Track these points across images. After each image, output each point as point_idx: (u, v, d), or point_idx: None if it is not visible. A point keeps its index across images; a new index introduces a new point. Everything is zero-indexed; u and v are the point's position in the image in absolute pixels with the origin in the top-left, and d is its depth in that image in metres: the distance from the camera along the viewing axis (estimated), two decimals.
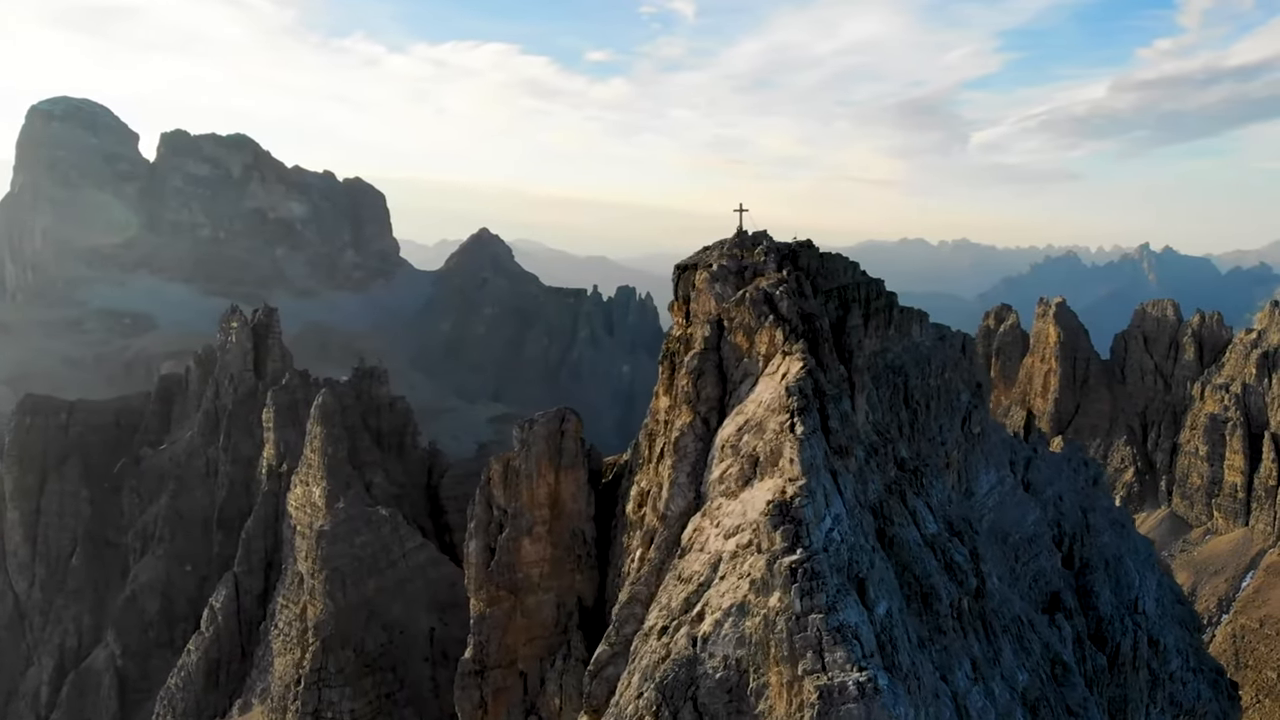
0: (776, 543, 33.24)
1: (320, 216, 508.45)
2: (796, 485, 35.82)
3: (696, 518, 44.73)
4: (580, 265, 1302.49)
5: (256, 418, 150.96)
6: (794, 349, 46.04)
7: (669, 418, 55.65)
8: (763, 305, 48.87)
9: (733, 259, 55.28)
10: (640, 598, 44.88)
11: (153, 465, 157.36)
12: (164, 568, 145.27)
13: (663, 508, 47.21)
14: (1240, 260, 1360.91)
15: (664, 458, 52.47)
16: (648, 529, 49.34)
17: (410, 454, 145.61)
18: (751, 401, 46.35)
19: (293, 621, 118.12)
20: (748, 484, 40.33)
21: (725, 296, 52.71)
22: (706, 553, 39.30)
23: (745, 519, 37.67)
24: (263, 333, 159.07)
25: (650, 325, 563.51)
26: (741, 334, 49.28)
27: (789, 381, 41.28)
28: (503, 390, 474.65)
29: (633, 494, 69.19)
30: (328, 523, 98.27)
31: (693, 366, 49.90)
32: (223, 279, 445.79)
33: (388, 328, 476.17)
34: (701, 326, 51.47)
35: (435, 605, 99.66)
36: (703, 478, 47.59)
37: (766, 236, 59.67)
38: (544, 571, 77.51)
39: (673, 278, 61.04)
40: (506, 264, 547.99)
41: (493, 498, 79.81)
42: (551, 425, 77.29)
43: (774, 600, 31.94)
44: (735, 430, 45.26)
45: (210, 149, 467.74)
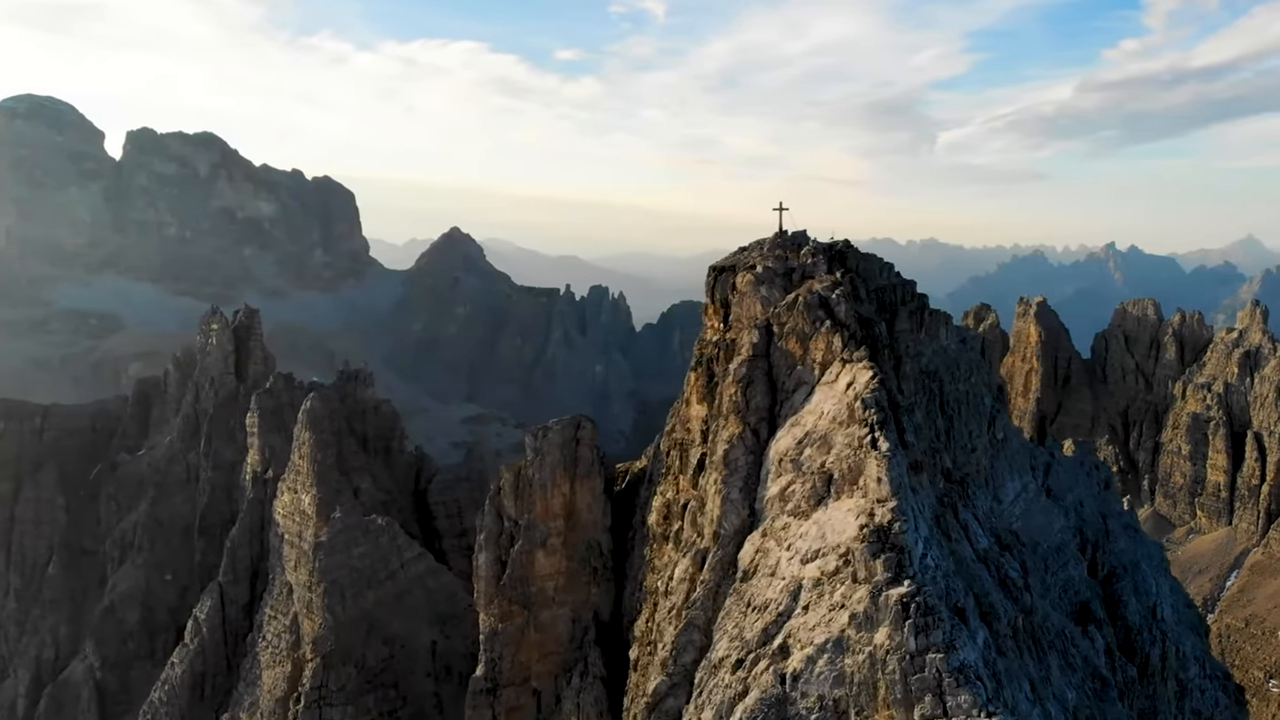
0: (878, 572, 30.69)
1: (289, 215, 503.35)
2: (888, 508, 33.27)
3: (755, 537, 42.13)
4: (551, 265, 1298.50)
5: (238, 422, 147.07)
6: (856, 356, 43.57)
7: (709, 428, 52.99)
8: (818, 310, 46.36)
9: (779, 260, 52.66)
10: (698, 623, 42.17)
11: (131, 471, 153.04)
12: (143, 577, 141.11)
13: (715, 525, 44.51)
14: (1204, 259, 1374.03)
15: (706, 470, 49.78)
16: (697, 548, 46.50)
17: (397, 459, 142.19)
18: (809, 412, 43.80)
19: (282, 633, 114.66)
20: (820, 503, 37.77)
21: (773, 300, 50.14)
22: (780, 578, 36.69)
23: (826, 542, 35.08)
24: (244, 335, 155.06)
25: (623, 325, 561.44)
26: (794, 340, 46.72)
27: (862, 393, 38.75)
28: (476, 391, 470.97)
29: (656, 505, 66.53)
30: (325, 534, 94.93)
31: (741, 375, 47.27)
32: (190, 279, 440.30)
33: (359, 328, 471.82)
34: (748, 332, 48.84)
35: (436, 617, 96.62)
36: (755, 493, 44.99)
37: (806, 236, 57.23)
38: (559, 585, 74.71)
39: (707, 280, 58.34)
40: (478, 263, 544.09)
41: (503, 508, 76.90)
42: (566, 433, 74.48)
43: (881, 636, 29.37)
44: (794, 443, 42.69)
45: (177, 147, 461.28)
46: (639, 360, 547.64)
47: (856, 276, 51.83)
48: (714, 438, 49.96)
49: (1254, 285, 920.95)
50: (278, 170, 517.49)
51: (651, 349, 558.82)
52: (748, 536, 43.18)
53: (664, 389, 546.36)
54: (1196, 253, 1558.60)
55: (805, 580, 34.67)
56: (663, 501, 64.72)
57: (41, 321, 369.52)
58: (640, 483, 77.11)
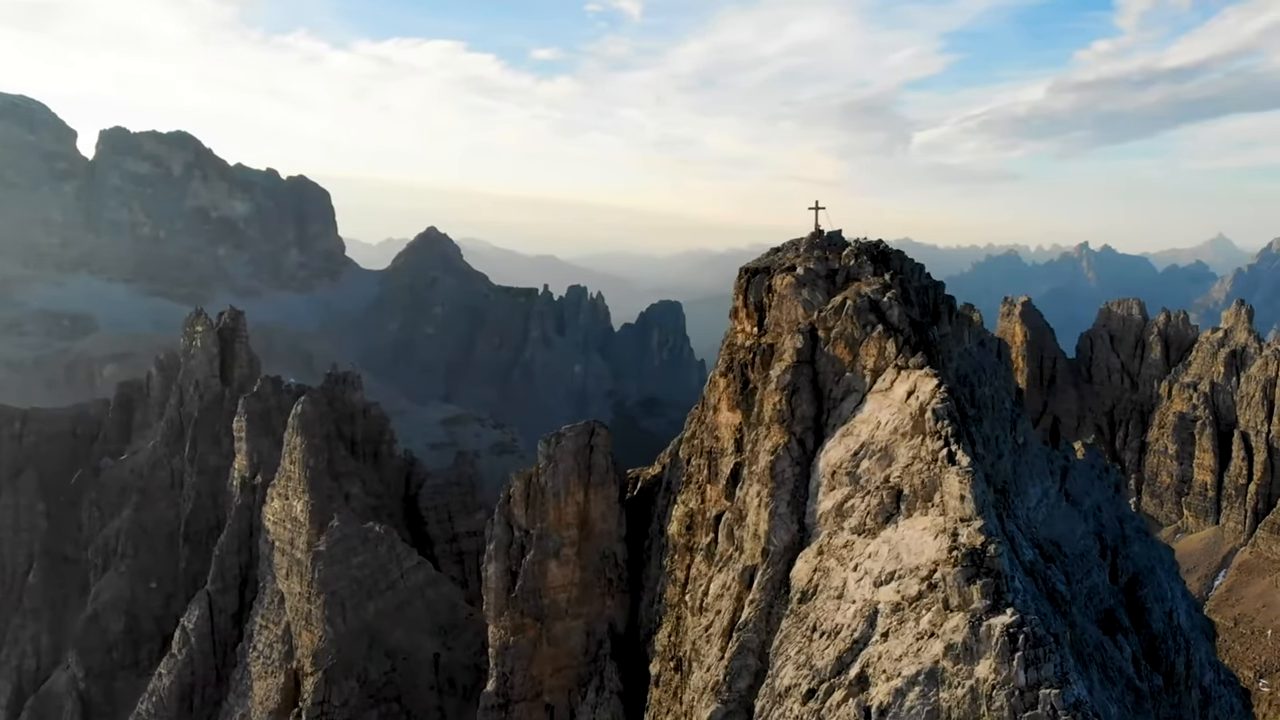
0: (974, 599, 28.63)
1: (263, 215, 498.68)
2: (975, 528, 31.25)
3: (809, 555, 40.10)
4: (528, 264, 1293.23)
5: (224, 426, 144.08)
6: (912, 363, 41.60)
7: (744, 436, 50.94)
8: (868, 314, 44.36)
9: (820, 262, 50.59)
10: (752, 647, 40.04)
11: (113, 477, 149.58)
12: (127, 585, 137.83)
13: (763, 542, 42.40)
14: (1176, 259, 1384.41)
15: (745, 482, 47.68)
16: (742, 565, 44.37)
17: (386, 463, 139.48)
18: (862, 422, 41.78)
19: (274, 643, 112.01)
20: (889, 521, 35.73)
21: (816, 303, 48.11)
22: (850, 601, 34.62)
23: (902, 564, 33.03)
24: (229, 337, 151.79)
25: (601, 325, 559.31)
26: (842, 345, 44.70)
27: (931, 403, 36.70)
28: (454, 391, 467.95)
29: (677, 514, 64.45)
30: (322, 542, 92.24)
31: (785, 382, 45.19)
32: (164, 279, 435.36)
33: (335, 328, 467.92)
34: (791, 337, 46.74)
35: (437, 628, 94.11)
36: (804, 507, 42.95)
37: (841, 236, 55.26)
38: (572, 596, 72.53)
39: (738, 282, 56.26)
40: (456, 263, 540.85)
41: (513, 517, 74.64)
42: (580, 440, 72.31)
43: (984, 669, 27.31)
44: (848, 455, 40.66)
45: (150, 146, 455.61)
46: (617, 360, 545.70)
47: (905, 279, 49.81)
48: (753, 447, 47.90)
49: (1225, 284, 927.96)
50: (252, 169, 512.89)
51: (630, 349, 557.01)
52: (800, 553, 41.14)
53: (643, 389, 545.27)
54: (1168, 252, 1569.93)
55: (881, 604, 32.62)
56: (685, 511, 62.66)
57: (14, 323, 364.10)
58: (654, 490, 75.01)
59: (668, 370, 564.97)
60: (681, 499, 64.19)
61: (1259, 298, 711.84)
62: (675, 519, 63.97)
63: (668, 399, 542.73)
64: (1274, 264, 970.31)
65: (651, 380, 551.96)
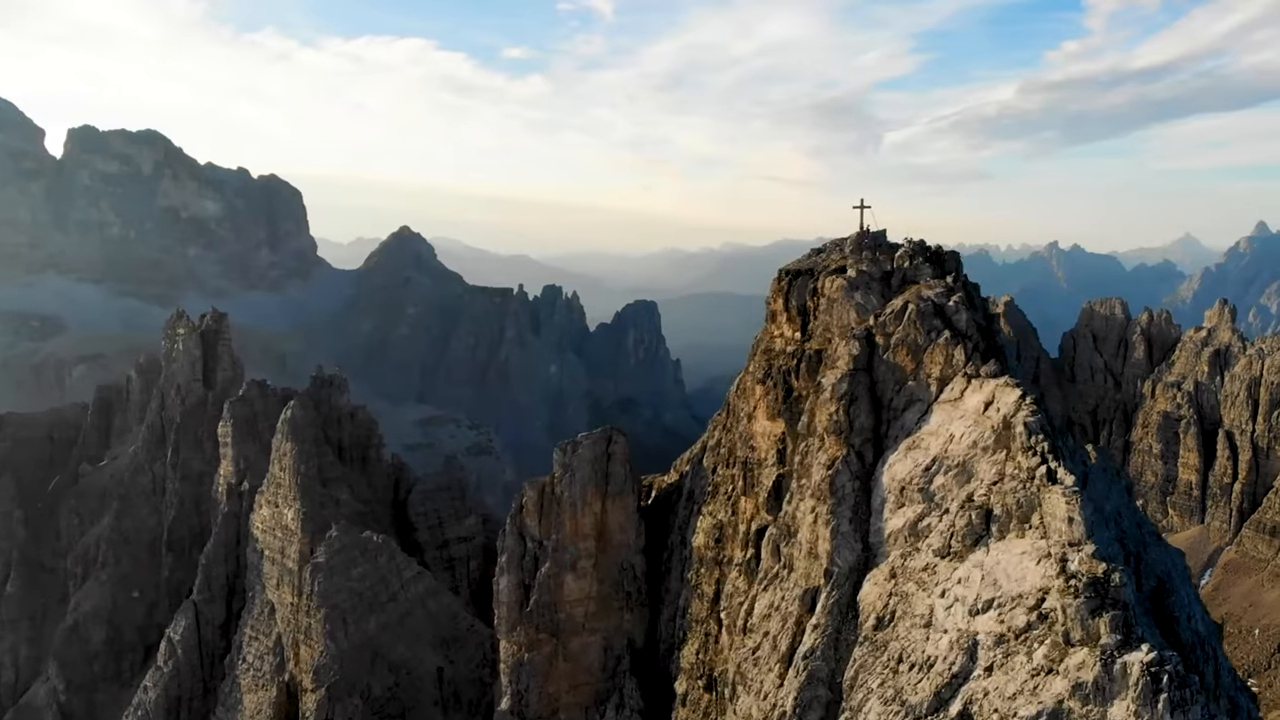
0: (1101, 633, 26.36)
1: (234, 214, 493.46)
2: (1087, 553, 29.04)
3: (879, 577, 37.83)
4: (502, 264, 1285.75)
5: (207, 431, 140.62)
6: (984, 371, 39.43)
7: (788, 447, 48.62)
8: (933, 319, 42.08)
9: (873, 264, 48.29)
10: (821, 676, 37.68)
11: (93, 483, 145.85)
12: (108, 594, 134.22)
13: (825, 562, 40.06)
14: (1145, 258, 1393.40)
15: (795, 496, 45.34)
16: (801, 586, 41.98)
17: (375, 468, 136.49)
18: (930, 434, 39.52)
19: (264, 655, 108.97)
20: (978, 543, 33.47)
21: (871, 307, 45.82)
22: (940, 630, 32.34)
23: (1002, 591, 30.77)
24: (211, 339, 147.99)
25: (577, 325, 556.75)
26: (904, 352, 42.42)
27: (1021, 416, 34.47)
28: (428, 392, 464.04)
29: (703, 527, 62.10)
30: (321, 554, 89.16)
31: (842, 391, 42.84)
32: (134, 279, 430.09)
33: (307, 329, 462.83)
34: (846, 343, 44.38)
35: (439, 641, 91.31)
36: (868, 525, 40.68)
37: (885, 236, 53.02)
38: (589, 610, 70.06)
39: (776, 285, 53.93)
40: (429, 262, 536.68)
41: (525, 528, 72.10)
42: (598, 448, 69.84)
43: (1120, 712, 25.05)
44: (918, 470, 38.40)
45: (120, 145, 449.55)
46: (593, 360, 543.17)
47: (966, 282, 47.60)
48: (802, 460, 45.54)
49: (1194, 283, 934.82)
50: (223, 168, 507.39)
51: (606, 349, 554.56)
52: (867, 575, 38.88)
53: (619, 389, 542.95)
54: (1137, 251, 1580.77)
55: (981, 635, 30.36)
56: (713, 523, 60.34)
57: None
58: (672, 499, 72.71)
59: (644, 370, 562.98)
60: (708, 510, 61.87)
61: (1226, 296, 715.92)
62: (701, 531, 61.64)
63: (644, 399, 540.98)
64: (1241, 263, 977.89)
65: (627, 380, 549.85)
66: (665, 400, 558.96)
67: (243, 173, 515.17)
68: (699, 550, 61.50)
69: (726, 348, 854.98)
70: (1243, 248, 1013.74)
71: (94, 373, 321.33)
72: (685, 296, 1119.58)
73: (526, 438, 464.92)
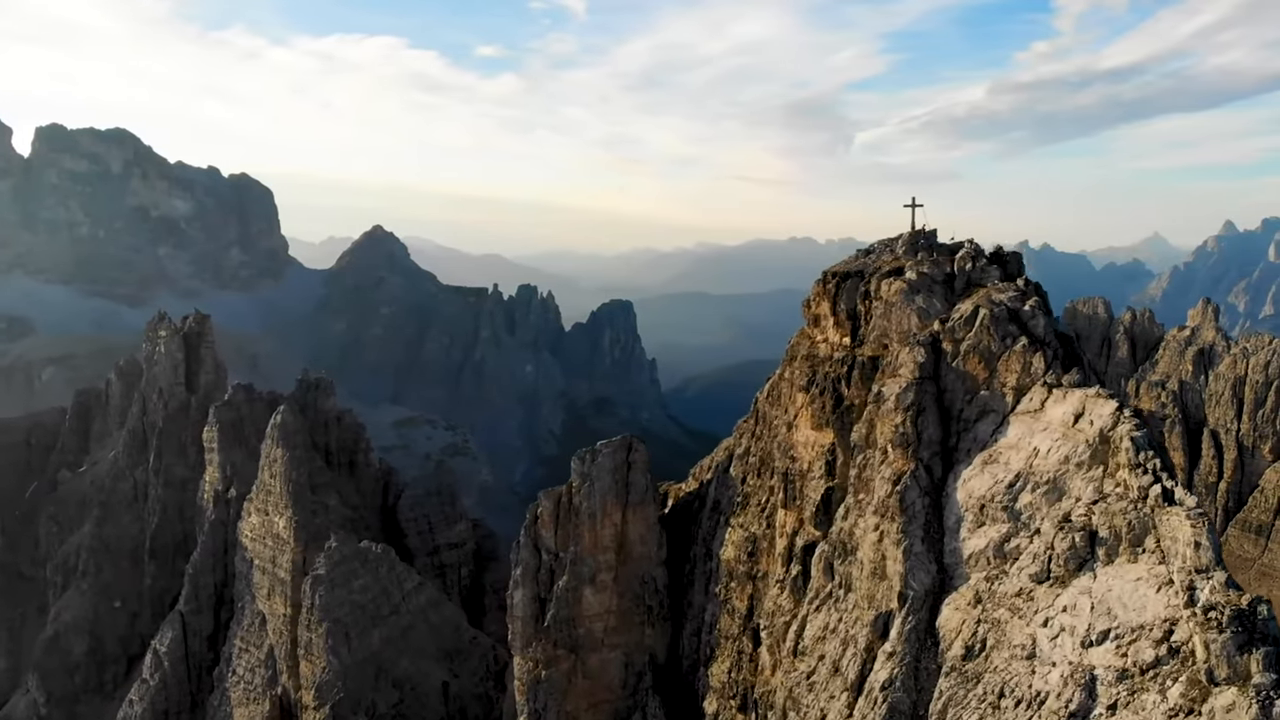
0: (1253, 673, 24.14)
1: (205, 214, 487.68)
2: (1218, 582, 26.79)
3: (961, 603, 35.60)
4: (475, 263, 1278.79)
5: (190, 436, 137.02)
6: (1067, 380, 37.27)
7: (844, 460, 46.33)
8: (1008, 324, 39.84)
9: (935, 266, 46.02)
10: (903, 709, 35.37)
11: (72, 489, 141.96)
12: (90, 604, 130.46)
13: (899, 584, 37.74)
14: (1113, 257, 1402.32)
15: (854, 512, 43.03)
16: (875, 610, 39.61)
17: (363, 473, 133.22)
18: (1009, 448, 37.30)
19: (255, 668, 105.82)
20: (1082, 567, 31.26)
21: (934, 312, 43.54)
22: (1048, 664, 30.08)
23: (1120, 621, 28.52)
24: (194, 341, 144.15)
25: (552, 325, 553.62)
26: (976, 360, 40.16)
27: (1125, 431, 32.23)
28: (402, 392, 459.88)
29: (733, 539, 59.79)
30: (321, 565, 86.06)
31: (909, 401, 40.53)
32: (103, 280, 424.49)
33: (279, 329, 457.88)
34: (910, 350, 42.05)
35: (443, 654, 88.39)
36: (940, 545, 38.45)
37: (935, 236, 50.80)
38: (609, 625, 67.54)
39: (822, 288, 51.60)
40: (403, 262, 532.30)
41: (541, 540, 69.49)
42: (618, 456, 67.33)
43: None
44: (999, 486, 36.18)
45: (89, 144, 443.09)
46: (569, 360, 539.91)
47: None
48: (860, 473, 43.21)
49: (1162, 282, 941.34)
50: (193, 167, 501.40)
51: (581, 349, 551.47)
52: (945, 599, 36.64)
53: (594, 389, 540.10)
54: (1106, 250, 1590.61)
55: (1099, 670, 28.12)
56: (745, 536, 58.04)
57: None
58: (692, 508, 70.37)
59: (620, 370, 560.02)
60: (738, 522, 59.55)
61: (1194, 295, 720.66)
62: (731, 543, 59.33)
63: (620, 399, 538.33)
64: (1209, 262, 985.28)
65: (603, 380, 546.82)
66: (641, 400, 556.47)
67: (213, 172, 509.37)
68: (728, 563, 59.18)
69: (702, 347, 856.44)
70: (1210, 247, 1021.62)
71: (64, 374, 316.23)
72: (659, 296, 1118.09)
73: (501, 438, 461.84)
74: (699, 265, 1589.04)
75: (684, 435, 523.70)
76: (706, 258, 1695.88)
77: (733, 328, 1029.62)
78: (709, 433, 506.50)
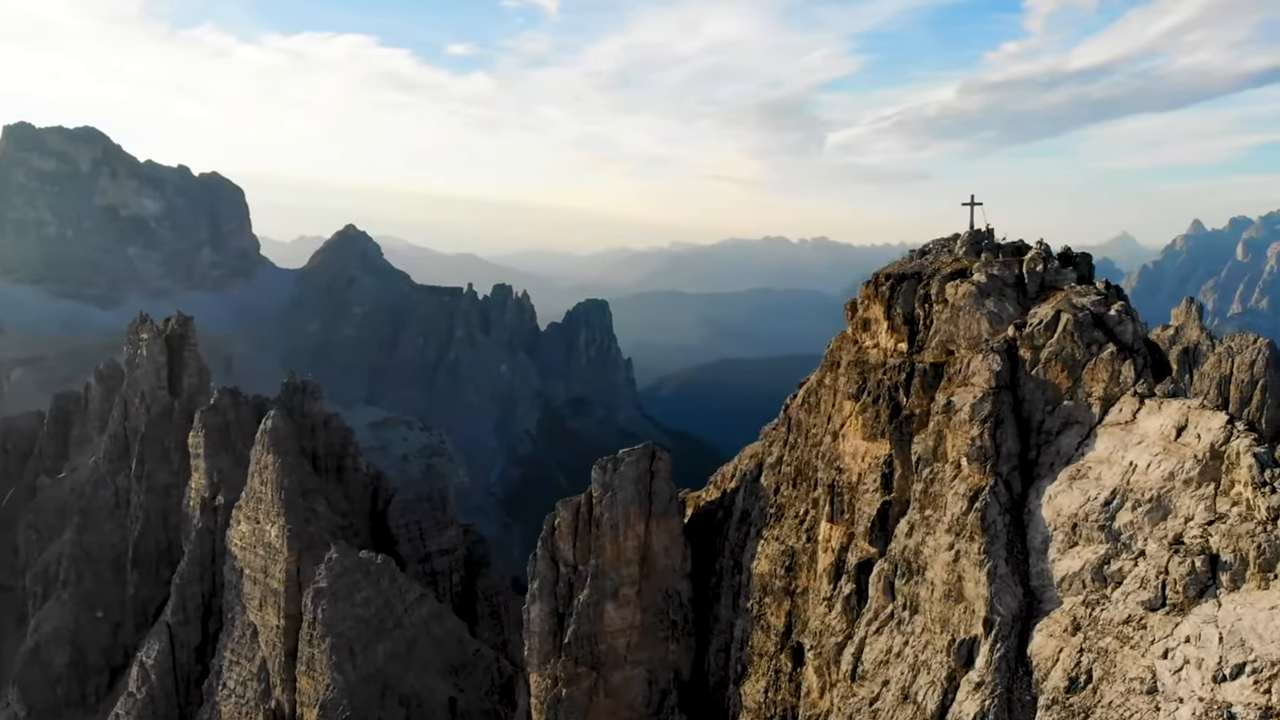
0: None
1: (175, 213, 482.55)
2: None
3: (1056, 629, 33.36)
4: (448, 263, 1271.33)
5: (174, 441, 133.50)
6: (1160, 390, 35.11)
7: (904, 473, 44.00)
8: (1093, 330, 37.58)
9: (1005, 267, 43.75)
10: None
11: (51, 496, 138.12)
12: (71, 614, 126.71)
13: (984, 609, 35.42)
14: None
15: (921, 528, 40.68)
16: (953, 637, 37.26)
17: (351, 478, 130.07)
18: (1100, 462, 35.05)
19: (248, 681, 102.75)
20: (1203, 594, 29.03)
21: (1007, 316, 41.21)
22: (1174, 699, 27.83)
23: (1256, 655, 26.34)
24: (177, 344, 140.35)
25: (527, 324, 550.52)
26: (1059, 368, 37.87)
27: (1245, 447, 29.99)
28: (377, 393, 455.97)
29: (767, 552, 57.38)
30: (322, 578, 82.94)
31: (986, 412, 38.20)
32: (72, 280, 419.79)
33: (252, 330, 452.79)
34: (984, 357, 39.64)
35: (448, 669, 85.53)
36: (1025, 566, 36.19)
37: (992, 235, 48.58)
38: (632, 641, 64.97)
39: (874, 290, 49.23)
40: (376, 262, 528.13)
41: (558, 552, 66.90)
42: (641, 465, 64.79)
43: None
44: (1096, 504, 33.93)
45: (57, 143, 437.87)
46: (544, 360, 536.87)
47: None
48: (927, 488, 40.83)
49: (1131, 281, 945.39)
50: (163, 166, 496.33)
51: (557, 348, 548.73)
52: (1036, 625, 34.38)
53: (570, 389, 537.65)
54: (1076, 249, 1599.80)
55: (1237, 707, 25.90)
56: (781, 550, 55.68)
57: None
58: (717, 518, 67.89)
59: (596, 369, 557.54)
60: (772, 534, 57.15)
61: (1163, 294, 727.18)
62: (765, 557, 56.90)
63: (596, 399, 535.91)
64: (1177, 261, 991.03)
65: (579, 380, 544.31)
66: (617, 400, 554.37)
67: (183, 170, 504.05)
68: (762, 578, 56.78)
69: (677, 347, 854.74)
70: (1179, 246, 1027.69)
71: (33, 376, 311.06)
72: (634, 295, 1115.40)
73: (477, 439, 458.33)
74: (674, 264, 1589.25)
75: (661, 435, 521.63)
76: (681, 257, 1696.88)
77: (707, 327, 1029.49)
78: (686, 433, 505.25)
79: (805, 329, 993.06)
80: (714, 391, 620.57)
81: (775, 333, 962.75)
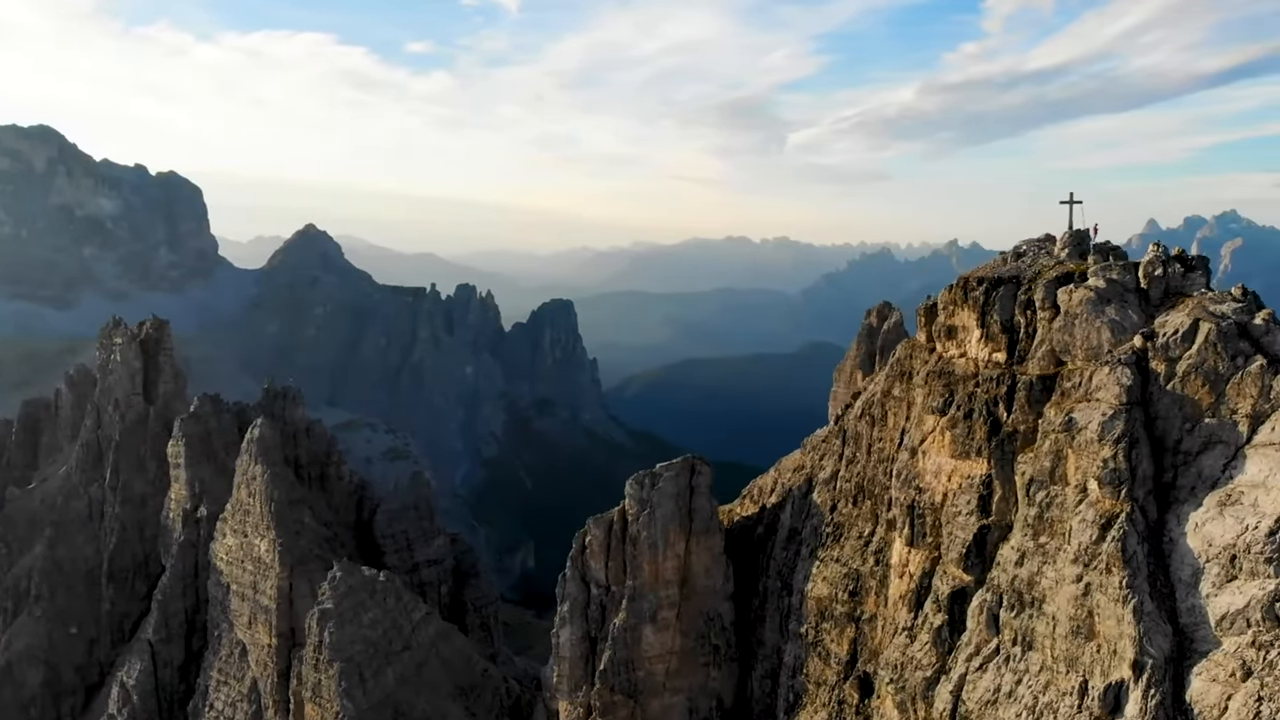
0: None
1: (132, 213, 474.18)
2: None
3: (1221, 674, 30.09)
4: (408, 262, 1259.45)
5: (149, 449, 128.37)
6: None
7: (1008, 496, 40.66)
8: (1238, 341, 34.41)
9: (1126, 271, 40.47)
10: None
11: (21, 508, 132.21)
12: (44, 631, 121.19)
13: (1133, 651, 32.11)
14: None
15: (1033, 557, 37.36)
16: (1096, 682, 33.95)
17: (335, 486, 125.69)
18: (1254, 486, 31.90)
19: (237, 702, 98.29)
20: None
21: (1129, 325, 37.94)
22: None
23: None
24: (152, 349, 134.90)
25: (492, 325, 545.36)
26: (1199, 382, 34.64)
27: None
28: (339, 395, 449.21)
29: (825, 575, 53.94)
30: (328, 598, 78.35)
31: (1119, 431, 34.90)
32: (27, 281, 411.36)
33: (211, 331, 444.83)
34: (1112, 370, 36.32)
35: (458, 691, 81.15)
36: (1171, 602, 32.93)
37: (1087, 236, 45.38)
38: (671, 667, 61.39)
39: (964, 294, 45.87)
40: (337, 261, 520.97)
41: (590, 572, 63.23)
42: (680, 480, 61.19)
43: None
44: (1258, 533, 30.78)
45: (10, 141, 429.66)
46: (509, 360, 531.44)
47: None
48: (1042, 513, 37.51)
49: None
50: (120, 165, 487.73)
51: (522, 349, 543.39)
52: (1193, 668, 31.15)
53: (535, 390, 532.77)
54: None
55: None
56: (843, 572, 52.25)
57: None
58: (758, 535, 64.42)
59: (561, 370, 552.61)
60: (829, 555, 53.73)
61: None
62: (823, 579, 53.46)
63: (561, 399, 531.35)
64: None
65: (544, 380, 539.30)
66: (583, 400, 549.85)
67: (140, 170, 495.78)
68: (820, 602, 53.35)
69: (640, 346, 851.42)
70: (1134, 245, 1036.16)
71: None
72: (597, 295, 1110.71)
73: (442, 440, 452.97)
74: (636, 264, 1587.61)
75: (626, 436, 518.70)
76: (644, 256, 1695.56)
77: (672, 326, 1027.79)
78: (651, 433, 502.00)
79: (769, 329, 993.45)
80: (678, 392, 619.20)
81: (739, 332, 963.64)
